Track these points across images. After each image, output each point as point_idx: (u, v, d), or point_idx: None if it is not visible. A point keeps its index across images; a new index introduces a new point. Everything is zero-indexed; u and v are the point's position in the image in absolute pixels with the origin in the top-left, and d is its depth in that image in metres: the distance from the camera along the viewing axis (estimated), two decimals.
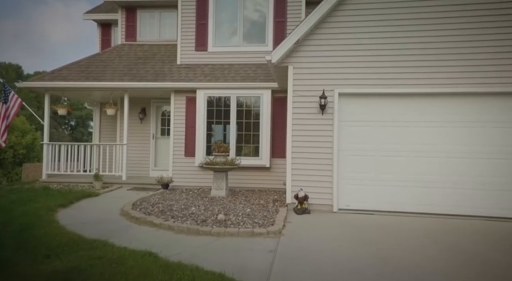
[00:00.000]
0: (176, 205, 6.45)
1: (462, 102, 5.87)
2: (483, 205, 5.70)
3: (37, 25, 74.45)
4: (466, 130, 5.84)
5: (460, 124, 5.87)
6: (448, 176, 5.87)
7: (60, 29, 76.12)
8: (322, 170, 6.02)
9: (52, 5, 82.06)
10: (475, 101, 5.82)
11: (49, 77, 9.18)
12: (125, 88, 9.05)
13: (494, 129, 5.76)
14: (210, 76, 9.01)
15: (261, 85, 8.60)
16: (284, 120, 8.67)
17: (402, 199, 5.92)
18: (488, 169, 5.73)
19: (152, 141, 10.60)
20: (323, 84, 6.01)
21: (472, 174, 5.79)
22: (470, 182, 5.79)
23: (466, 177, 5.80)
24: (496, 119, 5.76)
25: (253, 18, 9.35)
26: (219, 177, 7.37)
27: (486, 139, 5.77)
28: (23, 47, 64.77)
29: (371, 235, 4.74)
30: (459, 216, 5.69)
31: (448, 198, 5.81)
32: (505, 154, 5.72)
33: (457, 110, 5.89)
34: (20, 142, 12.46)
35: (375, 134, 6.04)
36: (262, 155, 8.62)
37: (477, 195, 5.74)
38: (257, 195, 7.72)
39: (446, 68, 5.80)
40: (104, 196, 7.77)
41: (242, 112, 8.81)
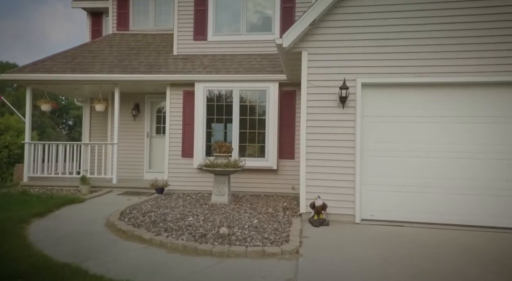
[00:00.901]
0: (171, 214, 5.58)
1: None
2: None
3: (37, 25, 74.02)
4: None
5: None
6: (504, 182, 4.95)
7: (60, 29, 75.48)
8: (342, 174, 5.15)
9: (52, 5, 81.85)
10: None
11: (30, 68, 8.31)
12: (115, 81, 8.17)
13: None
14: (210, 68, 8.14)
15: (267, 77, 7.73)
16: (293, 117, 7.82)
17: (439, 208, 5.04)
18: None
19: (146, 141, 9.73)
20: (344, 73, 5.15)
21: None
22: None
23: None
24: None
25: (258, 3, 8.48)
26: (220, 181, 6.50)
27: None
28: (23, 47, 64.21)
29: (414, 257, 3.87)
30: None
31: (502, 209, 4.91)
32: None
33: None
34: (16, 141, 11.80)
35: (404, 131, 5.16)
36: (268, 156, 7.75)
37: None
38: (263, 202, 6.85)
39: (493, 52, 4.90)
40: (90, 203, 6.90)
41: (246, 107, 7.94)
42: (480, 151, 5.02)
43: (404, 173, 5.13)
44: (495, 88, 5.00)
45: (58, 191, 7.96)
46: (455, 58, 5.00)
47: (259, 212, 5.75)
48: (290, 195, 7.69)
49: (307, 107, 5.25)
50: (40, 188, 8.20)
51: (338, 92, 5.14)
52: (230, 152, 6.62)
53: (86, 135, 10.63)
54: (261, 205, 6.44)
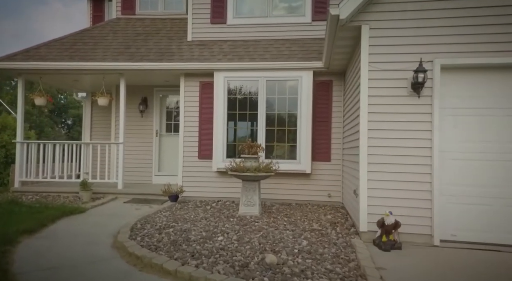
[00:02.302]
0: (194, 231, 4.52)
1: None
2: None
3: (37, 25, 73.55)
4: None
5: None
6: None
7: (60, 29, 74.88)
8: (414, 182, 4.07)
9: (52, 5, 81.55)
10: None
11: (22, 56, 7.25)
12: (120, 70, 7.11)
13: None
14: (231, 55, 7.07)
15: (300, 65, 6.65)
16: (329, 112, 6.76)
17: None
18: None
19: (155, 140, 8.67)
20: (417, 52, 4.07)
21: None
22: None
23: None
24: None
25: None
26: (250, 188, 5.44)
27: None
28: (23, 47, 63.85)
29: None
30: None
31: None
32: None
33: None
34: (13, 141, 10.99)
35: (498, 128, 4.05)
36: (301, 158, 6.68)
37: None
38: (299, 213, 5.78)
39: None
40: (92, 213, 5.85)
41: (274, 101, 6.87)
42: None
43: (497, 181, 4.01)
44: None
45: (54, 199, 6.92)
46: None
47: (303, 228, 4.67)
48: (327, 205, 6.62)
49: (369, 96, 4.17)
50: (34, 194, 7.15)
51: (410, 77, 4.06)
52: (259, 153, 5.54)
53: (87, 133, 9.58)
54: (299, 218, 5.37)
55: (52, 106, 37.44)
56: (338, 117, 6.79)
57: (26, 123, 19.19)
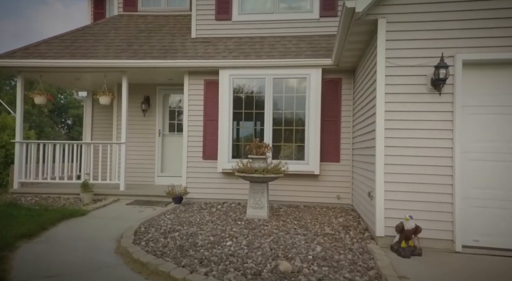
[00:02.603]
0: (201, 235, 4.32)
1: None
2: None
3: (37, 25, 73.61)
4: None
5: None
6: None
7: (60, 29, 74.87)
8: (434, 185, 3.87)
9: (51, 5, 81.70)
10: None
11: (21, 53, 7.06)
12: (123, 67, 6.92)
13: None
14: (236, 52, 6.87)
15: (308, 62, 6.45)
16: (338, 110, 6.56)
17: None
18: None
19: (158, 140, 8.48)
20: (437, 47, 3.86)
21: None
22: None
23: None
24: None
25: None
26: (257, 190, 5.23)
27: None
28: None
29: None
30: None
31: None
32: None
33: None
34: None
35: None
36: (309, 159, 6.48)
37: None
38: (309, 216, 5.58)
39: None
40: (94, 216, 5.66)
41: (281, 99, 6.67)
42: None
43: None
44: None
45: (54, 200, 6.73)
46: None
47: (315, 233, 4.47)
48: (336, 207, 6.41)
49: (386, 94, 3.96)
50: (33, 196, 6.96)
51: (430, 74, 3.86)
52: (267, 153, 5.33)
53: (88, 133, 9.39)
54: (310, 221, 5.17)
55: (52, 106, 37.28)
56: (347, 116, 6.59)
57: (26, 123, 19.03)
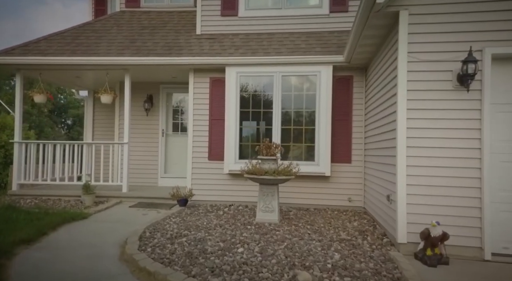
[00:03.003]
0: (210, 241, 4.09)
1: None
2: None
3: (36, 25, 73.63)
4: None
5: None
6: None
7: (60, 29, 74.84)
8: (461, 188, 3.64)
9: (51, 5, 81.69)
10: None
11: (20, 50, 6.84)
12: (126, 65, 6.69)
13: None
14: (243, 49, 6.65)
15: (318, 59, 6.22)
16: (349, 109, 6.34)
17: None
18: None
19: (161, 140, 8.25)
20: (464, 41, 3.64)
21: None
22: None
23: None
24: None
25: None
26: (268, 192, 5.01)
27: None
28: None
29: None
30: None
31: None
32: None
33: None
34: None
35: None
36: (319, 159, 6.25)
37: None
38: (321, 219, 5.35)
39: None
40: (96, 219, 5.43)
41: (290, 97, 6.44)
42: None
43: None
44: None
45: (55, 203, 6.51)
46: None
47: (330, 238, 4.24)
48: (348, 210, 6.18)
49: (407, 91, 3.73)
50: (33, 198, 6.74)
51: (456, 69, 3.62)
52: (277, 154, 5.10)
53: (89, 133, 9.18)
54: (323, 225, 4.94)
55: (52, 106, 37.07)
56: (359, 116, 6.36)
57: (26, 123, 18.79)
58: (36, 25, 73.29)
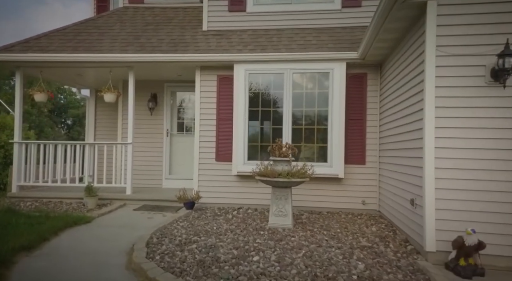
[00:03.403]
0: (223, 248, 3.85)
1: None
2: None
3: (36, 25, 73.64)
4: None
5: None
6: None
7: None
8: (496, 192, 3.38)
9: (51, 5, 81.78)
10: None
11: (20, 47, 6.61)
12: (130, 62, 6.45)
13: None
14: (252, 45, 6.41)
15: (331, 56, 5.98)
16: (363, 108, 6.10)
17: None
18: None
19: (165, 140, 8.02)
20: (499, 33, 3.39)
21: None
22: None
23: None
24: None
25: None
26: (281, 195, 4.76)
27: None
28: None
29: None
30: None
31: None
32: None
33: None
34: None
35: None
36: (332, 160, 6.00)
37: None
38: (336, 224, 5.11)
39: None
40: (100, 223, 5.20)
41: (301, 96, 6.20)
42: None
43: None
44: None
45: (56, 205, 6.27)
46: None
47: (350, 245, 4.00)
48: (362, 213, 5.94)
49: (436, 87, 3.49)
50: (33, 201, 6.51)
51: (489, 64, 3.38)
52: (290, 155, 4.85)
53: (91, 133, 8.95)
54: (339, 230, 4.69)
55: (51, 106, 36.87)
56: (373, 115, 6.11)
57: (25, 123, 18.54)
58: (36, 25, 73.25)
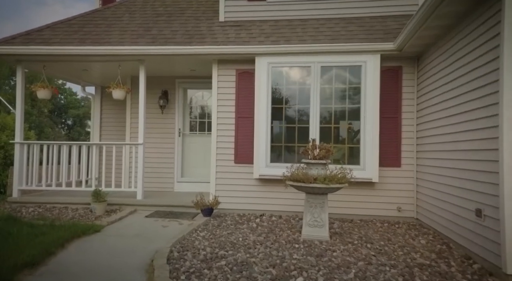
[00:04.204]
0: (257, 266, 3.33)
1: None
2: None
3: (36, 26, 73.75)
4: None
5: None
6: None
7: None
8: None
9: (52, 6, 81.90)
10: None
11: (22, 39, 6.13)
12: (141, 55, 5.96)
13: None
14: (275, 37, 5.90)
15: (364, 47, 5.46)
16: (397, 105, 5.64)
17: None
18: None
19: (177, 140, 7.51)
20: None
21: None
22: None
23: None
24: None
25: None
26: (316, 203, 4.25)
27: None
28: None
29: None
30: None
31: None
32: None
33: None
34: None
35: None
36: (365, 163, 5.49)
37: None
38: (375, 234, 4.59)
39: None
40: (110, 233, 4.69)
41: (330, 92, 5.68)
42: None
43: None
44: None
45: (61, 212, 5.79)
46: None
47: (405, 262, 3.46)
48: (398, 221, 5.42)
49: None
50: (36, 207, 6.02)
51: None
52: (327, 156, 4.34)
53: (96, 133, 8.46)
54: (383, 243, 4.17)
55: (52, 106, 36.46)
56: (409, 112, 5.60)
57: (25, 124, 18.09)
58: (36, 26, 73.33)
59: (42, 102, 33.98)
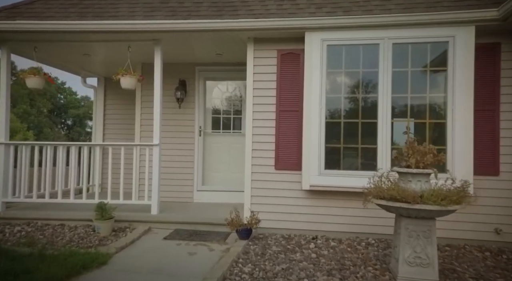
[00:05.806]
0: None
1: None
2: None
3: None
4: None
5: None
6: None
7: None
8: None
9: None
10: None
11: (7, 13, 4.96)
12: (158, 32, 4.77)
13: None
14: (329, 7, 4.69)
15: (452, 16, 4.22)
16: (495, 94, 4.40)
17: None
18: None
19: (198, 140, 6.32)
20: None
21: None
22: None
23: None
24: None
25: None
26: (419, 232, 3.02)
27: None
28: None
29: None
30: None
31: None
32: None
33: None
34: None
35: None
36: (454, 169, 4.24)
37: None
38: (489, 272, 3.37)
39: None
40: (121, 267, 3.51)
41: (405, 77, 4.46)
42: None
43: None
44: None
45: (56, 232, 4.62)
46: None
47: None
48: (501, 248, 4.18)
49: None
50: (24, 224, 4.85)
51: None
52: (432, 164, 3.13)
53: (99, 132, 7.33)
54: None
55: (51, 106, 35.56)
56: (509, 104, 4.36)
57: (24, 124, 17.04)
58: None
59: (41, 102, 33.07)
